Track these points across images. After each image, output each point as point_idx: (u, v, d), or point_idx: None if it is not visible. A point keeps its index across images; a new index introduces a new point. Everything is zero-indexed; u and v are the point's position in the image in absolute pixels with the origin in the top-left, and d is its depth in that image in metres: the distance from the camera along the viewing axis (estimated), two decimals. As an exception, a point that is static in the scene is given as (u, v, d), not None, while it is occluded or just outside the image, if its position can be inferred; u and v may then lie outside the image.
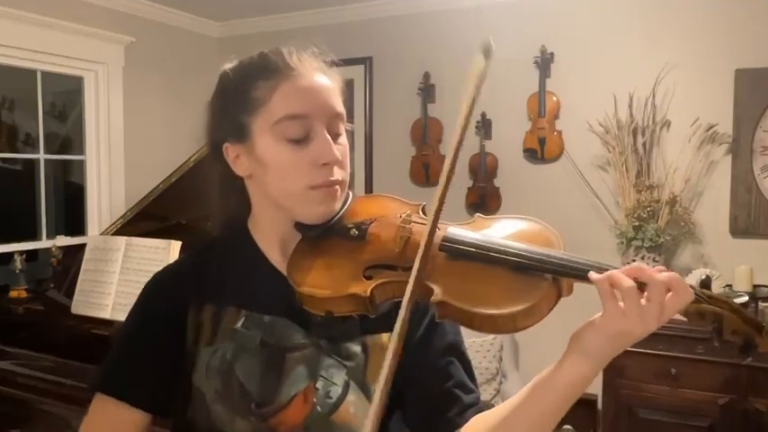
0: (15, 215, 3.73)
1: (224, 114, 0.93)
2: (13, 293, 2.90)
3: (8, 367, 2.28)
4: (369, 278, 0.84)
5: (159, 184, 2.40)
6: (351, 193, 0.96)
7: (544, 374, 0.82)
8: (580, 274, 0.77)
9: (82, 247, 2.49)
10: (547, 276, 0.79)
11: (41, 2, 3.31)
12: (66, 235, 3.61)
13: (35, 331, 2.43)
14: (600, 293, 0.75)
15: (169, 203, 2.44)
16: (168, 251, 2.20)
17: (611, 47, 3.30)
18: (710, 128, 3.05)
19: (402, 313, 0.73)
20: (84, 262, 2.38)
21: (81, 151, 3.73)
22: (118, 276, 2.26)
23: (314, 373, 0.90)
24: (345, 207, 0.94)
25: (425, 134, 3.78)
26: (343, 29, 3.88)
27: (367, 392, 0.90)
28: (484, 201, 3.58)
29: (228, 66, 0.95)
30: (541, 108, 3.44)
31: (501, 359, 3.28)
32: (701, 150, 3.08)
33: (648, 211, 3.05)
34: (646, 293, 0.73)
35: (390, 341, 0.73)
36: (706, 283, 2.79)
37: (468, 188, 3.63)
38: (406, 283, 0.75)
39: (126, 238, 2.33)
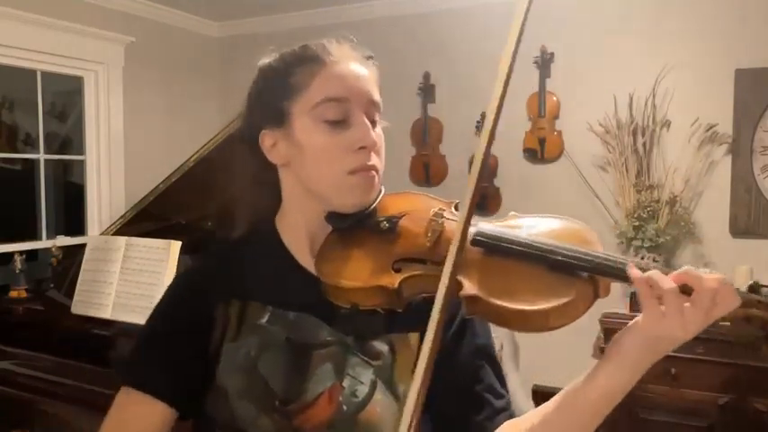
0: (15, 215, 3.73)
1: (262, 102, 0.94)
2: (13, 293, 2.89)
3: (8, 367, 2.28)
4: (398, 271, 0.83)
5: (159, 184, 2.39)
6: (382, 189, 0.95)
7: (578, 382, 0.79)
8: (618, 273, 0.75)
9: (82, 247, 2.49)
10: (583, 275, 0.77)
11: (41, 2, 3.30)
12: (66, 235, 3.61)
13: (35, 331, 2.43)
14: (639, 294, 0.73)
15: (169, 203, 2.43)
16: (168, 251, 2.20)
17: (611, 47, 3.30)
18: (710, 128, 3.05)
19: (437, 307, 0.70)
20: (84, 262, 2.38)
21: (81, 151, 3.74)
22: (118, 276, 2.26)
23: (340, 371, 0.88)
24: (377, 201, 0.93)
25: (425, 134, 3.78)
26: (343, 29, 3.85)
27: (395, 392, 0.88)
28: (484, 201, 3.57)
29: (268, 59, 0.96)
30: (541, 108, 3.44)
31: (501, 359, 3.27)
32: (701, 150, 3.08)
33: (648, 211, 3.05)
34: (691, 297, 0.71)
35: (425, 341, 0.68)
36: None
37: (468, 188, 3.63)
38: (436, 277, 0.72)
39: (126, 238, 2.32)
